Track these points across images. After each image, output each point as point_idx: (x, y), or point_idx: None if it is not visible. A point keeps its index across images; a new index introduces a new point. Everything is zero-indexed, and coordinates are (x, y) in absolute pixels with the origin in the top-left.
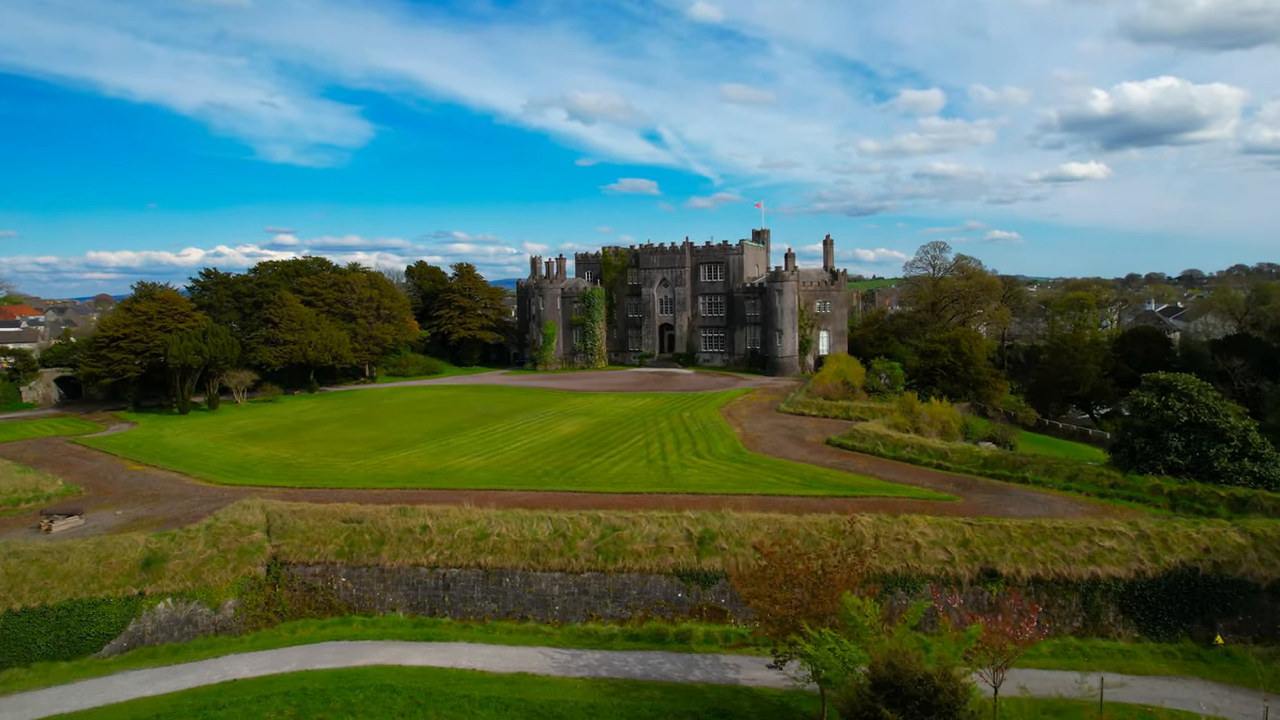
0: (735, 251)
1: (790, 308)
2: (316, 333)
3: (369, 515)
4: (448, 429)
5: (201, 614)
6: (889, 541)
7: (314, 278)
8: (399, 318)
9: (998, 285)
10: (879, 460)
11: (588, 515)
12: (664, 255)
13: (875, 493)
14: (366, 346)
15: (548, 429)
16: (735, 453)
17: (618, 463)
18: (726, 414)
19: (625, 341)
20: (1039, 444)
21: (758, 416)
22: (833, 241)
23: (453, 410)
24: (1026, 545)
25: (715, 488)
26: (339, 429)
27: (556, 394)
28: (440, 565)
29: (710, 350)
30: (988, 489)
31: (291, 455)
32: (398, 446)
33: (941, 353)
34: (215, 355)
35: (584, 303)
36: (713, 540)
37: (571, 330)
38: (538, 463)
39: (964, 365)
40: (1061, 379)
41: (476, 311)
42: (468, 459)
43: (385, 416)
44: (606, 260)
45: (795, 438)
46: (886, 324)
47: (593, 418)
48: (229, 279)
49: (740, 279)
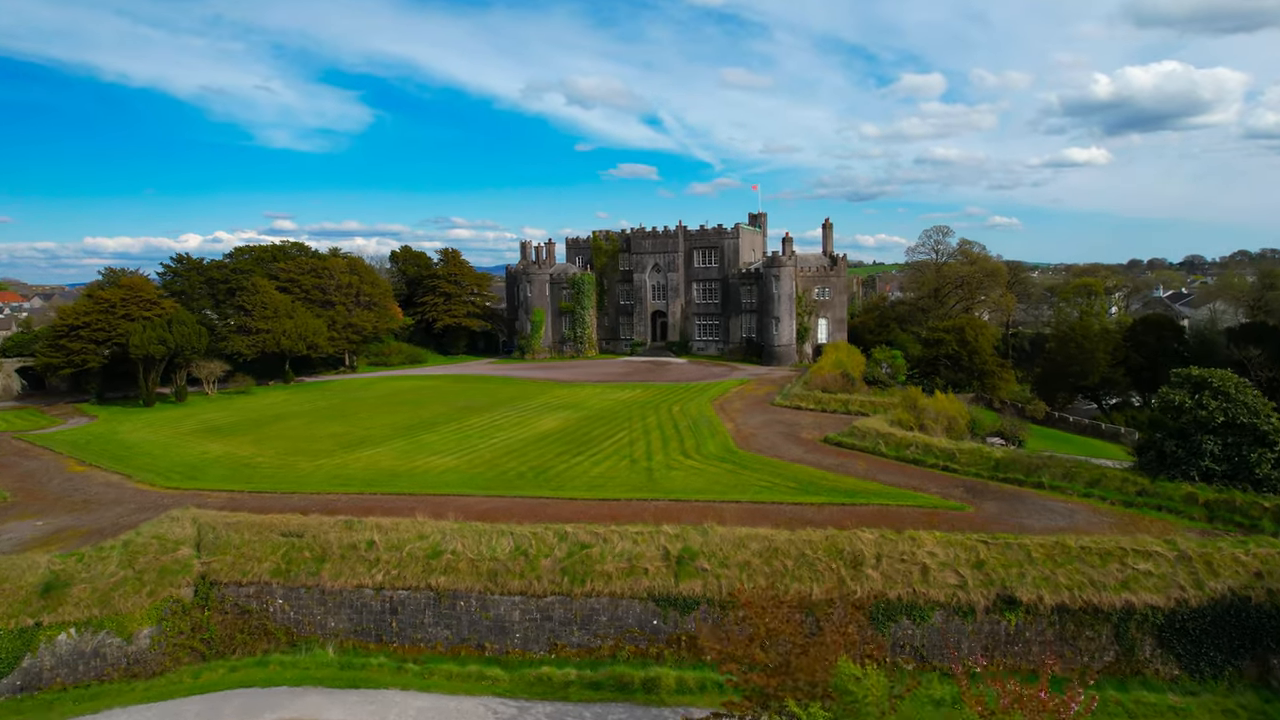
0: (730, 235)
1: (787, 294)
2: (291, 320)
3: (311, 528)
4: (422, 424)
5: (111, 646)
6: (893, 562)
7: (291, 263)
8: (380, 305)
9: (1003, 271)
10: (881, 461)
11: (554, 530)
12: (656, 239)
13: (877, 500)
14: (345, 335)
15: (528, 424)
16: (726, 452)
17: (599, 463)
18: (719, 408)
19: (617, 329)
20: (1049, 439)
21: (751, 410)
22: (832, 225)
23: (431, 403)
24: (1049, 567)
25: (702, 493)
26: (307, 424)
27: (542, 385)
28: (387, 586)
29: (704, 338)
30: (1000, 495)
31: (251, 453)
32: (365, 443)
33: (945, 341)
34: (181, 345)
35: (573, 289)
36: (693, 560)
37: (561, 318)
38: (512, 463)
39: (969, 355)
40: (1069, 369)
41: (463, 298)
42: (438, 458)
43: (359, 410)
44: (597, 245)
45: (791, 435)
46: (888, 311)
47: (577, 412)
48: (202, 264)
49: (735, 264)
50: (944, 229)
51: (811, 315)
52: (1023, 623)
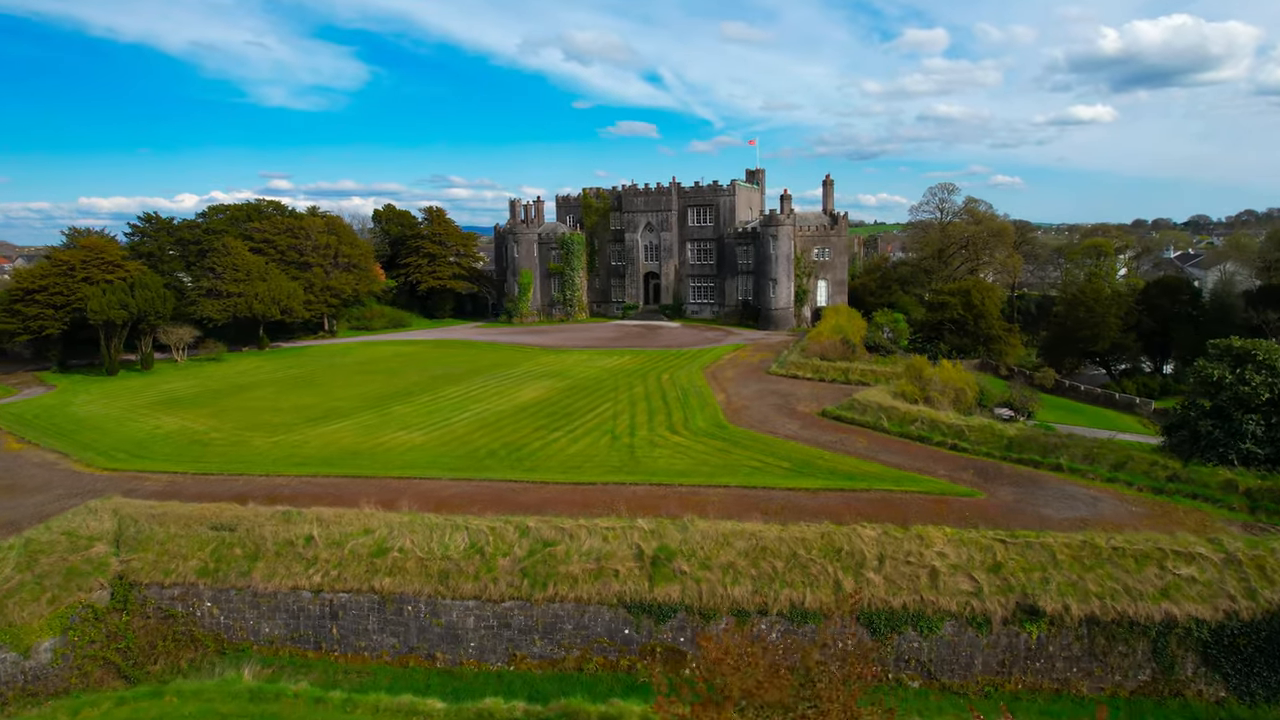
0: (726, 193)
1: (785, 255)
2: (265, 283)
3: (245, 521)
4: (394, 394)
5: (6, 663)
6: (898, 565)
7: (266, 223)
8: (361, 266)
9: (1009, 230)
10: (883, 438)
11: (515, 524)
12: (649, 197)
13: (879, 484)
14: (323, 298)
15: (507, 395)
16: (716, 426)
17: (577, 440)
18: (710, 376)
19: (608, 292)
20: (1060, 409)
21: (745, 379)
22: (833, 182)
23: (408, 370)
24: (1077, 571)
25: (687, 475)
26: (273, 394)
27: (527, 350)
28: (326, 589)
29: (699, 301)
30: (1015, 479)
31: (207, 428)
32: (331, 416)
33: (950, 305)
34: (145, 310)
35: (562, 250)
36: (670, 561)
37: (550, 279)
38: (485, 439)
39: (974, 319)
40: (1078, 333)
41: (448, 259)
42: (405, 433)
43: (331, 378)
44: (587, 203)
45: (786, 407)
46: (889, 272)
47: (561, 380)
48: (172, 224)
49: (732, 223)
50: (949, 186)
51: (810, 277)
52: (1045, 636)
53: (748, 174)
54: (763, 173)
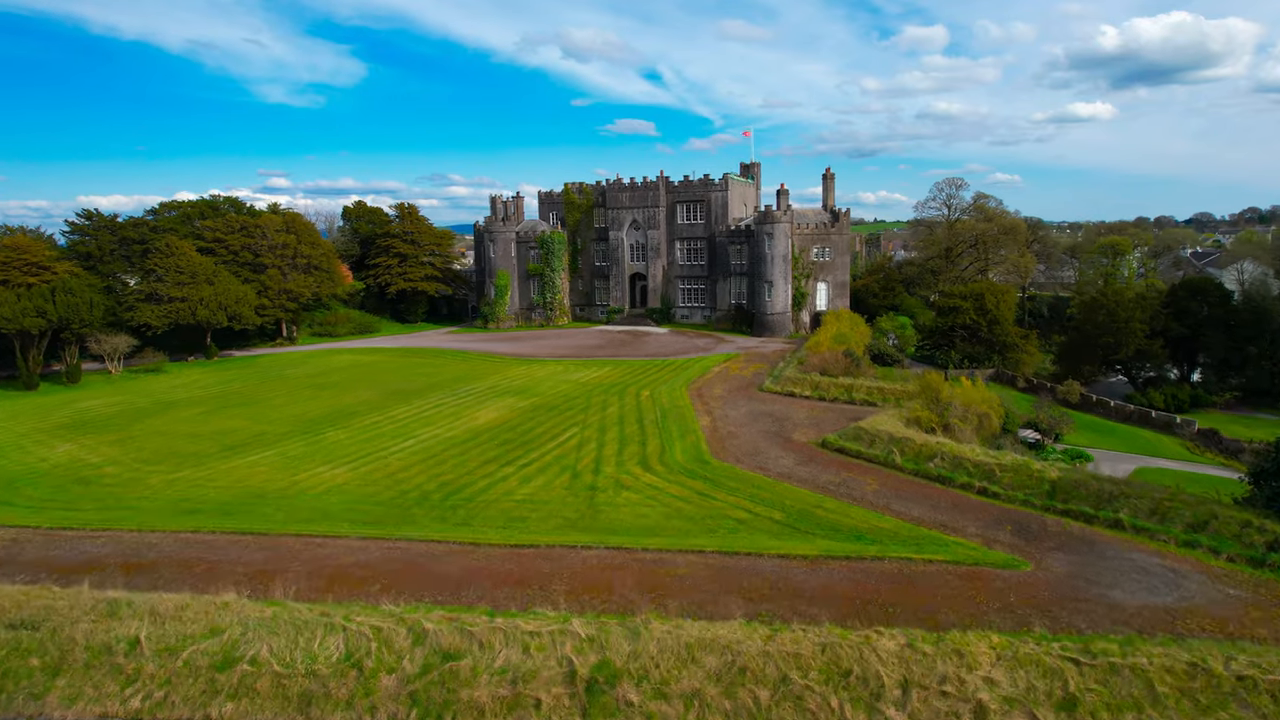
0: (717, 188)
1: (782, 255)
2: (211, 287)
3: (57, 614)
4: (336, 414)
5: None
6: (929, 697)
7: (219, 221)
8: (323, 268)
9: (1022, 228)
10: (895, 477)
11: (409, 624)
12: (635, 192)
13: (894, 549)
14: (278, 303)
15: (462, 416)
16: (696, 461)
17: (531, 478)
18: (696, 394)
19: (592, 294)
20: (1089, 430)
21: (734, 398)
22: (833, 176)
23: (360, 385)
24: (1190, 717)
25: (654, 532)
26: (201, 415)
27: (498, 361)
28: (146, 716)
29: (689, 305)
30: (1065, 540)
31: (103, 460)
32: (253, 445)
33: (962, 310)
34: (67, 317)
35: (542, 249)
36: (613, 685)
37: (529, 281)
38: (421, 476)
39: (988, 325)
40: (1100, 339)
41: (420, 259)
42: (330, 469)
43: (273, 395)
44: (569, 199)
45: (780, 434)
46: (893, 273)
47: (526, 398)
48: (115, 222)
49: (724, 220)
50: (957, 182)
51: (809, 279)
52: None
53: (742, 168)
54: (758, 166)
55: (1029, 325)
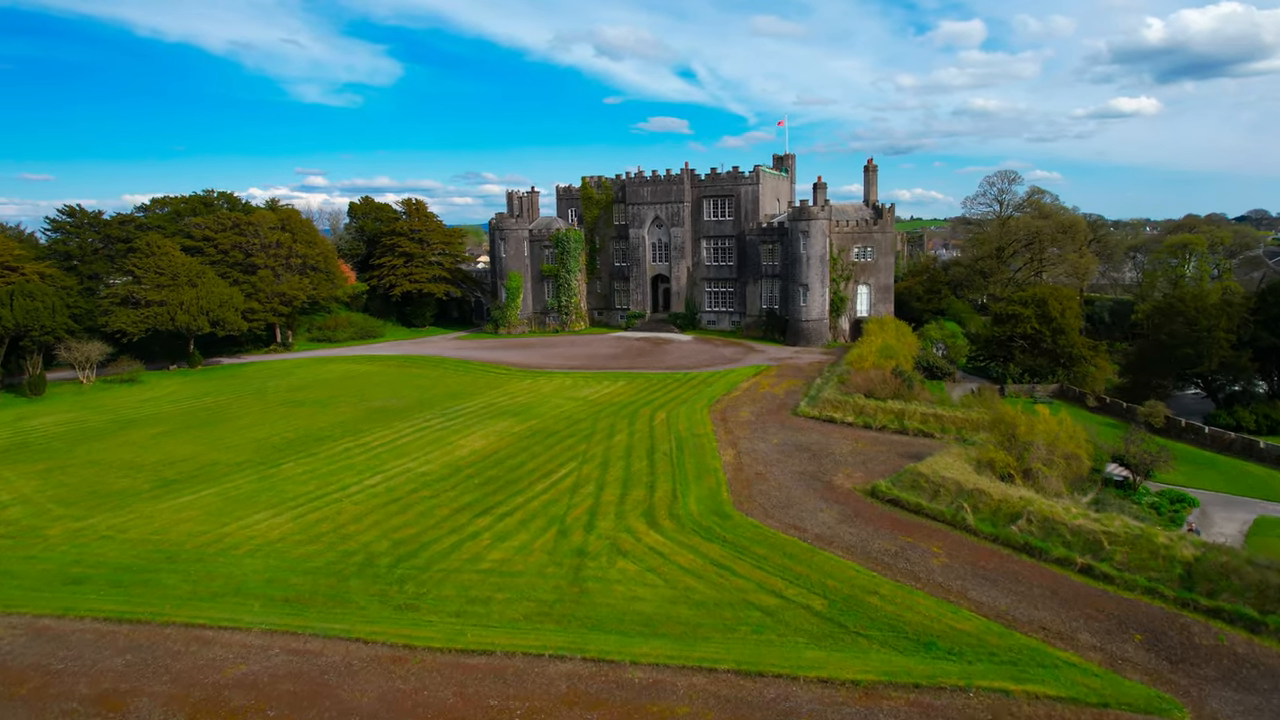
0: (748, 181)
1: (819, 255)
2: (193, 290)
3: None
4: (301, 441)
5: None
6: None
7: (209, 218)
8: (320, 268)
9: (1082, 225)
10: (969, 545)
11: None
12: (657, 187)
13: (981, 672)
14: (270, 306)
15: (445, 444)
16: (714, 513)
17: (508, 535)
18: (719, 417)
19: (610, 297)
20: (1184, 462)
21: (764, 423)
22: (876, 168)
23: (343, 401)
24: None
25: (652, 627)
26: (152, 438)
27: (501, 372)
28: None
29: (715, 309)
30: (1225, 664)
31: (13, 497)
32: (195, 480)
33: (1022, 318)
34: (25, 324)
35: (557, 248)
36: None
37: (543, 283)
38: (372, 532)
39: (1052, 335)
40: (1178, 350)
41: (428, 259)
42: (270, 516)
43: (244, 412)
44: (587, 194)
45: (818, 476)
46: (939, 274)
47: (523, 420)
48: (99, 220)
49: (755, 217)
50: (1010, 175)
51: (849, 281)
52: None
53: (775, 160)
54: (792, 159)
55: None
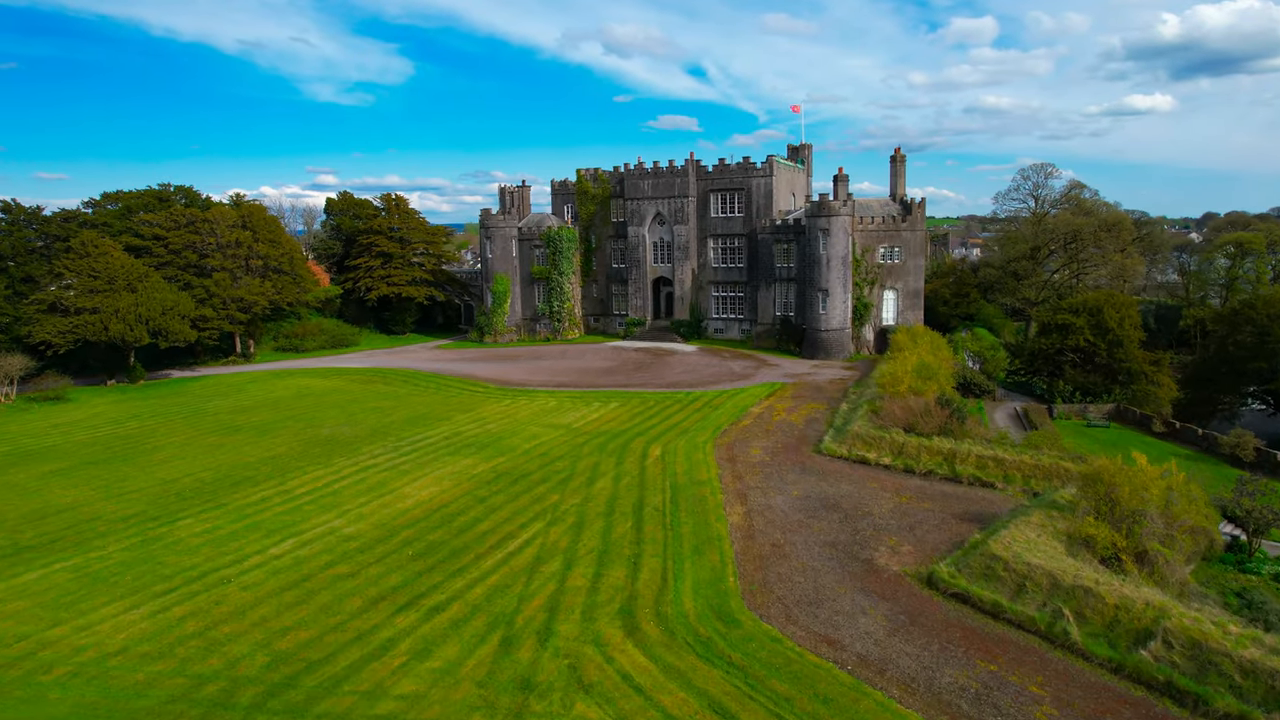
0: (760, 173)
1: (840, 256)
2: (132, 295)
3: None
4: (216, 484)
5: None
6: None
7: (161, 214)
8: (286, 270)
9: (1127, 223)
10: (1082, 678)
11: None
12: (659, 180)
13: None
14: (226, 314)
15: (387, 492)
16: (716, 613)
17: (434, 645)
18: (726, 455)
19: (608, 302)
20: None
21: (781, 466)
22: (904, 158)
23: (286, 428)
24: None
25: None
26: (38, 480)
27: (478, 391)
28: None
29: (723, 316)
30: None
31: None
32: (58, 545)
33: (1074, 328)
34: None
35: (549, 248)
36: None
37: (534, 286)
38: (249, 640)
39: (1108, 348)
40: (1248, 364)
41: (409, 259)
42: (123, 609)
43: (166, 441)
44: (582, 187)
45: (854, 554)
46: (967, 275)
47: (489, 458)
48: (39, 216)
49: (768, 213)
50: (1047, 169)
51: (874, 285)
52: None
53: (790, 151)
54: (809, 149)
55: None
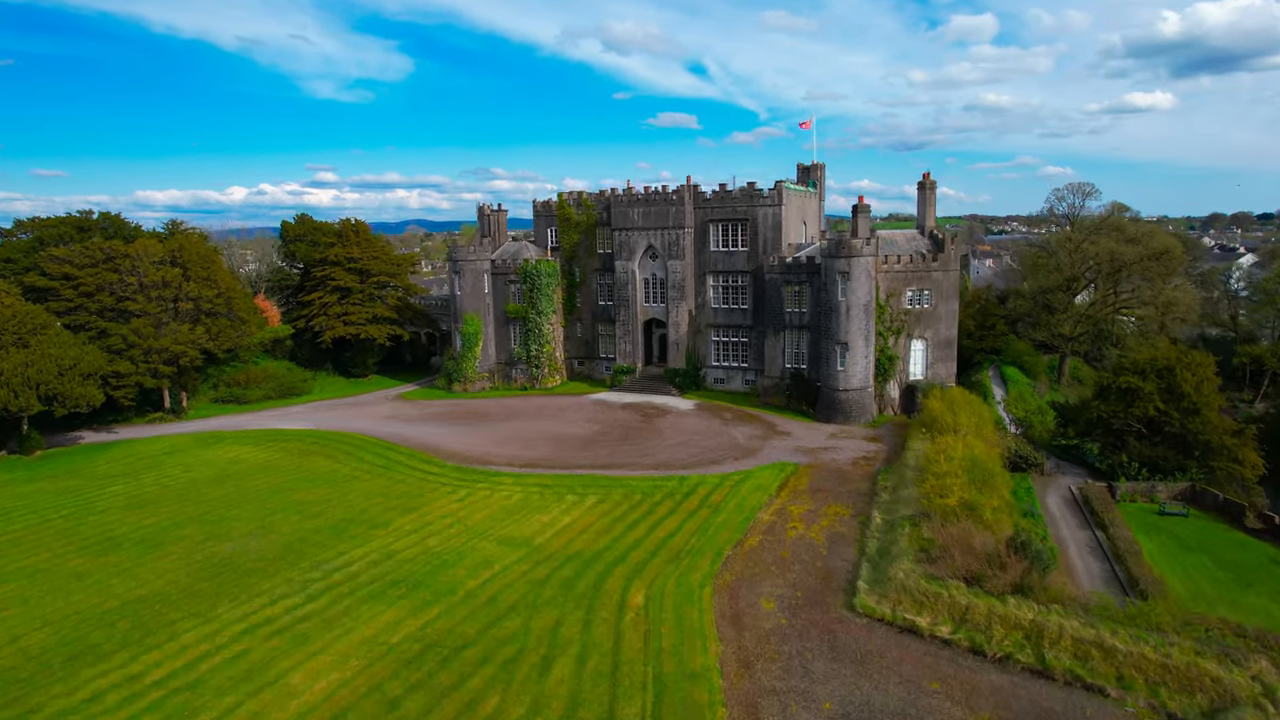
0: (766, 202)
1: (862, 304)
2: (23, 352)
3: None
4: (37, 661)
5: None
6: None
7: (74, 249)
8: (222, 313)
9: (1177, 251)
10: None
11: None
12: (651, 208)
13: None
14: (149, 366)
15: (267, 681)
16: None
17: None
18: (730, 614)
19: (594, 342)
20: None
21: (804, 640)
22: (934, 185)
23: (180, 539)
24: None
25: None
26: None
27: (431, 471)
28: None
29: (725, 363)
30: None
31: None
32: None
33: (1142, 394)
34: None
35: (526, 283)
36: None
37: (509, 326)
38: None
39: (1181, 415)
40: None
41: (369, 294)
42: None
43: (12, 569)
44: (564, 213)
45: None
46: (993, 306)
47: (420, 607)
48: None
49: (776, 248)
50: (1084, 188)
51: (899, 335)
52: None
53: (800, 171)
54: (821, 169)
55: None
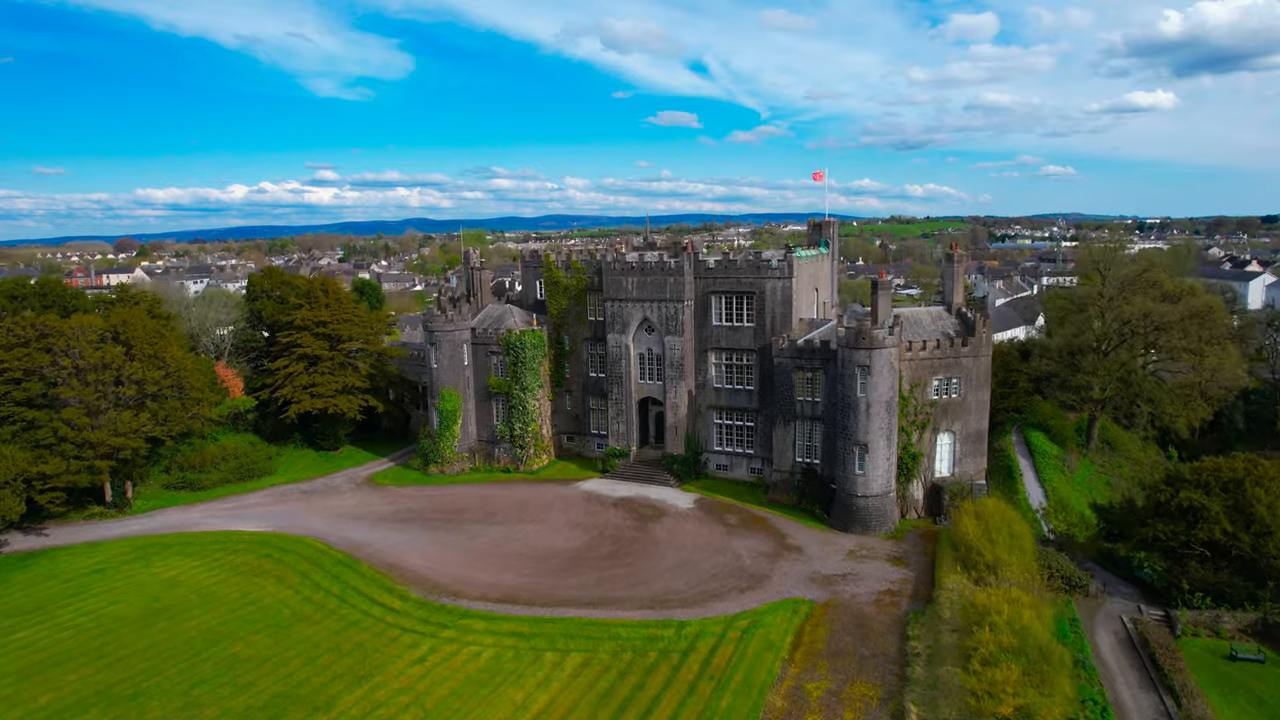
0: (775, 273)
1: (884, 401)
2: None
3: None
4: None
5: None
6: None
7: (2, 328)
8: (170, 396)
9: (1220, 310)
10: None
11: None
12: (646, 277)
13: None
14: (82, 463)
15: None
16: None
17: None
18: None
19: (585, 417)
20: None
21: None
22: (962, 256)
23: None
24: None
25: None
26: None
27: (389, 613)
28: None
29: (729, 450)
30: None
31: None
32: None
33: (1207, 515)
34: None
35: (509, 356)
36: None
37: (491, 402)
38: None
39: (1252, 539)
40: None
41: (338, 361)
42: None
43: None
44: (551, 276)
45: None
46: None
47: None
48: None
49: (785, 325)
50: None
51: (924, 430)
52: None
53: (811, 227)
54: (833, 226)
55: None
